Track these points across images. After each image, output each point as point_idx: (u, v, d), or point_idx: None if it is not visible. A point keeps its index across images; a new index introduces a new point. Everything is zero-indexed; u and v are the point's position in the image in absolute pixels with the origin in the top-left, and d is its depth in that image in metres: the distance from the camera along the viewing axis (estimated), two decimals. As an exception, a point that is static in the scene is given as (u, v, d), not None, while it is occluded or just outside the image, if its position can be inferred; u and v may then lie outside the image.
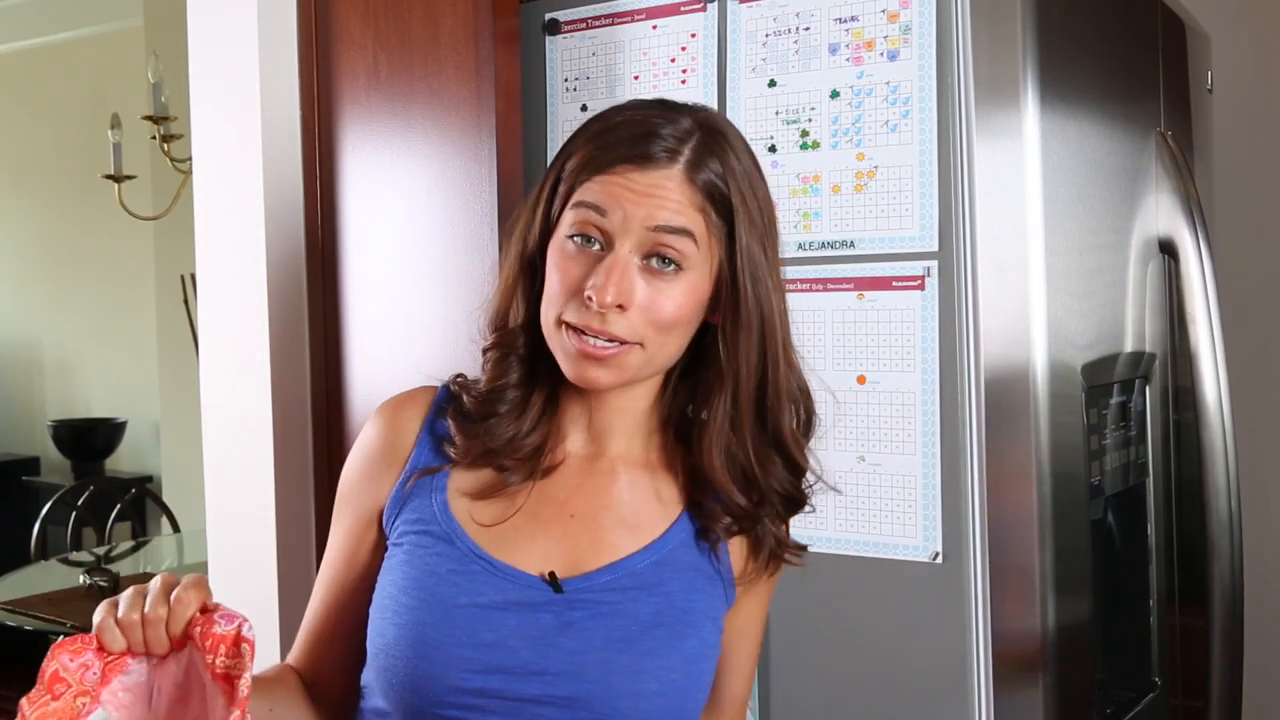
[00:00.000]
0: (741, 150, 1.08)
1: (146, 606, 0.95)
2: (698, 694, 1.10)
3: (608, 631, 1.06)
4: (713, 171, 1.04)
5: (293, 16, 1.85)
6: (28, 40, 5.89)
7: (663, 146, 1.03)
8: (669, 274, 1.03)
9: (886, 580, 1.44)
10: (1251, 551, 1.75)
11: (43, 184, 5.92)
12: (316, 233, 1.85)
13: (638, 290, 1.03)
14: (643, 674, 1.05)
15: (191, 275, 2.18)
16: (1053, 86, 1.38)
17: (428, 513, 1.11)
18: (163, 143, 3.80)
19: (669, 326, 1.05)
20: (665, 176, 1.03)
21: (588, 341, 1.03)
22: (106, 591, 3.23)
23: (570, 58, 1.67)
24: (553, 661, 1.04)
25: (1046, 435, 1.36)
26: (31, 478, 5.67)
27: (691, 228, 1.03)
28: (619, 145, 1.04)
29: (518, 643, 1.04)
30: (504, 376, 1.11)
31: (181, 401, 4.72)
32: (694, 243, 1.03)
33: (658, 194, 1.02)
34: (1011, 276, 1.36)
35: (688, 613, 1.09)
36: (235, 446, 1.87)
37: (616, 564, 1.09)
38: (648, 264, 1.03)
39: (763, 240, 1.07)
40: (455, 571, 1.07)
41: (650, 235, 1.02)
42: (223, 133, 1.87)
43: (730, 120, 1.14)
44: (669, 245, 1.02)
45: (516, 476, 1.10)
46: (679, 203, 1.03)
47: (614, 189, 1.03)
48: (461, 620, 1.05)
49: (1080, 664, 1.45)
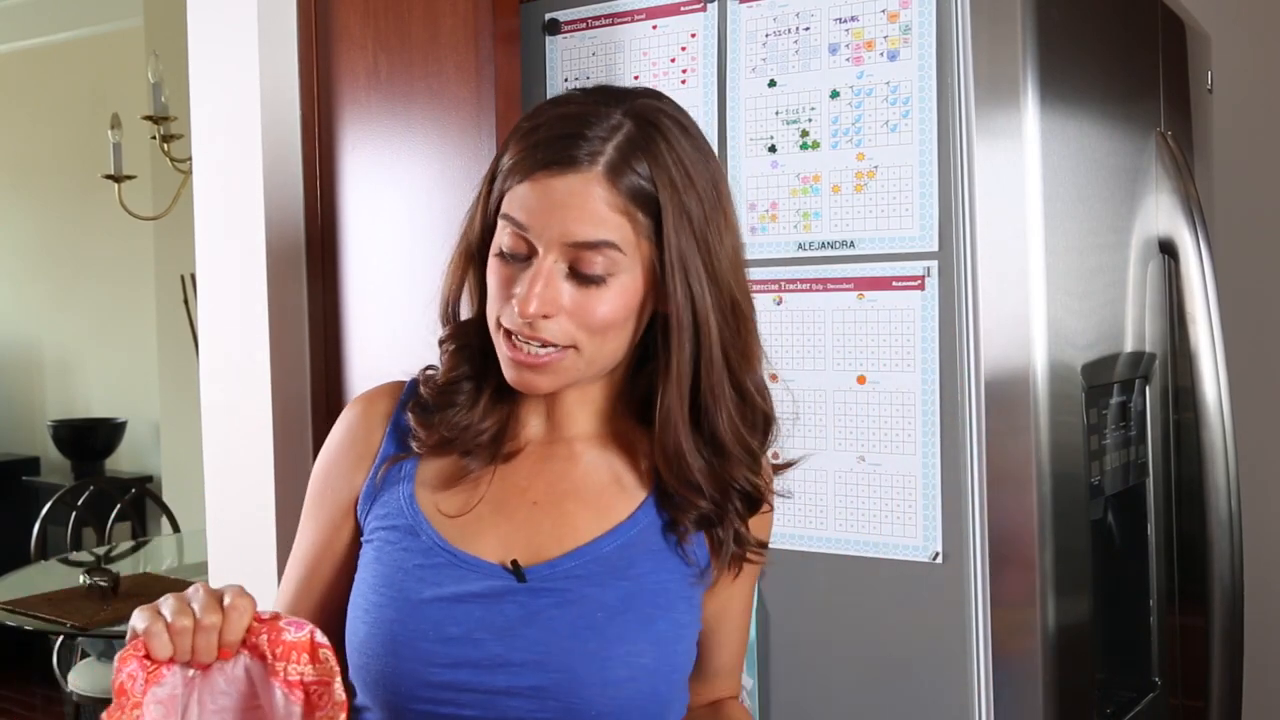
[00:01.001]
0: (677, 137, 1.04)
1: (199, 613, 0.92)
2: (672, 674, 1.09)
3: (573, 619, 1.06)
4: (637, 172, 1.01)
5: (293, 16, 1.85)
6: (28, 40, 5.89)
7: (585, 150, 1.01)
8: (595, 285, 1.02)
9: (886, 580, 1.44)
10: (1251, 551, 1.75)
11: (43, 184, 5.92)
12: (316, 233, 1.85)
13: (564, 296, 1.02)
14: (610, 661, 1.05)
15: (191, 275, 2.18)
16: (1053, 86, 1.38)
17: (395, 505, 1.12)
18: (163, 143, 3.80)
19: (602, 329, 1.04)
20: (584, 182, 1.00)
21: (522, 349, 1.04)
22: (107, 591, 3.23)
23: (570, 58, 1.67)
24: (517, 652, 1.04)
25: (1046, 435, 1.36)
26: (31, 478, 5.67)
27: (612, 237, 1.01)
28: (540, 149, 1.02)
29: (483, 634, 1.05)
30: (458, 368, 1.12)
31: (181, 401, 4.72)
32: (618, 250, 1.02)
33: (575, 204, 1.00)
34: (1011, 276, 1.36)
35: (658, 595, 1.09)
36: (235, 446, 1.87)
37: (581, 549, 1.09)
38: (574, 270, 1.02)
39: (701, 232, 1.04)
40: (421, 565, 1.08)
41: (570, 250, 1.01)
42: (223, 133, 1.87)
43: (671, 101, 1.09)
44: (589, 259, 1.01)
45: (477, 463, 1.11)
46: (597, 213, 1.00)
47: (532, 202, 1.01)
48: (428, 615, 1.06)
49: (1080, 664, 1.45)
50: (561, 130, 1.02)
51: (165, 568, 3.84)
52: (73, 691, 3.47)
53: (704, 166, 1.06)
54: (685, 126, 1.06)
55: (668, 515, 1.12)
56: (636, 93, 1.07)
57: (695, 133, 1.07)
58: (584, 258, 1.01)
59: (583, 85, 1.11)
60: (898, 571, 1.43)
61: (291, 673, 0.92)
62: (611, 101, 1.05)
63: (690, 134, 1.06)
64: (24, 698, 4.81)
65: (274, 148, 1.83)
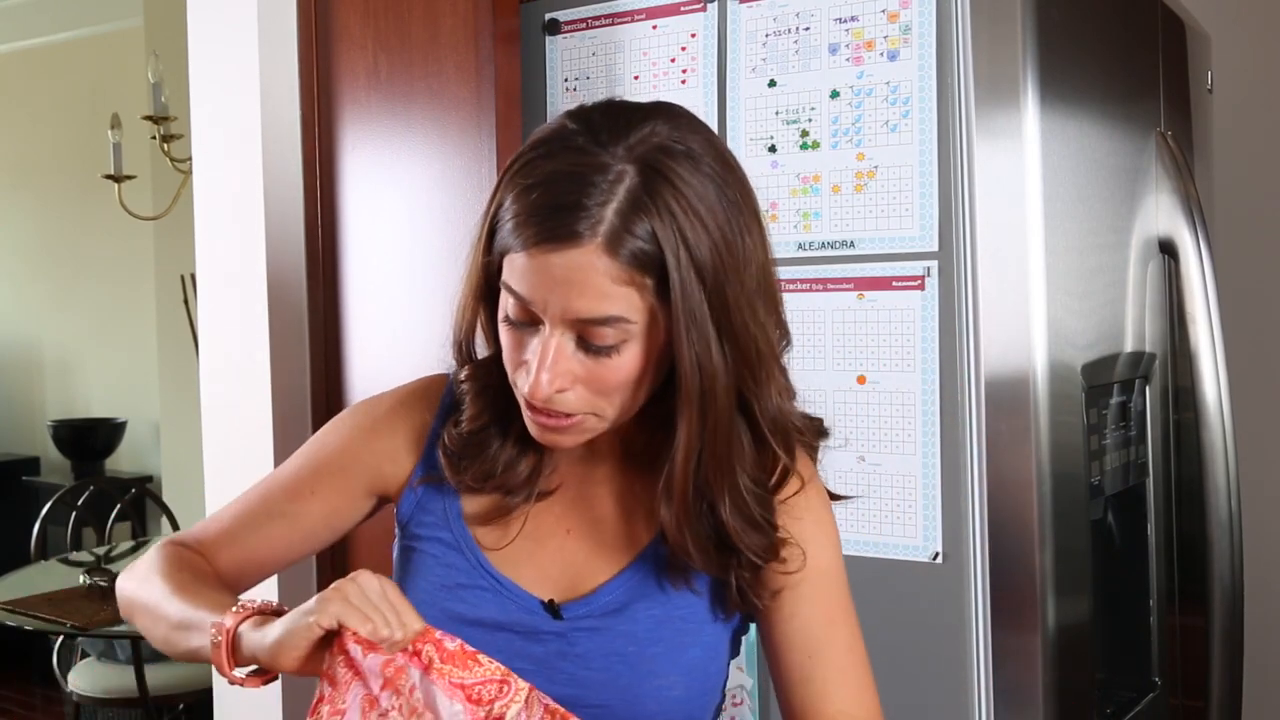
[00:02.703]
0: (685, 179, 0.94)
1: (376, 600, 0.91)
2: (703, 698, 1.08)
3: (605, 654, 1.05)
4: (640, 237, 0.92)
5: (293, 16, 1.85)
6: (28, 40, 5.88)
7: (585, 222, 0.92)
8: (606, 353, 0.96)
9: (886, 580, 1.44)
10: (1251, 551, 1.75)
11: (43, 184, 5.91)
12: (316, 233, 1.85)
13: (576, 368, 0.96)
14: (641, 696, 1.04)
15: (191, 275, 2.18)
16: (1053, 86, 1.38)
17: (440, 517, 1.11)
18: (163, 143, 3.80)
19: (617, 391, 0.98)
20: (585, 255, 0.92)
21: (539, 415, 1.00)
22: (107, 591, 3.23)
23: (570, 58, 1.67)
24: (556, 685, 1.04)
25: (1046, 435, 1.36)
26: (31, 478, 5.67)
27: (618, 311, 0.94)
28: (536, 218, 0.93)
29: (524, 664, 1.04)
30: (481, 415, 1.08)
31: (181, 401, 4.71)
32: (626, 321, 0.95)
33: (577, 280, 0.93)
34: (1011, 276, 1.36)
35: (686, 619, 1.07)
36: (235, 446, 1.87)
37: (613, 581, 1.08)
38: (583, 341, 0.96)
39: (715, 283, 0.95)
40: (463, 586, 1.08)
41: (578, 324, 0.95)
42: (223, 133, 1.87)
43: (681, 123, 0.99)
44: (598, 333, 0.95)
45: (517, 499, 1.09)
46: (600, 288, 0.93)
47: (532, 278, 0.94)
48: (469, 637, 1.02)
49: (1080, 664, 1.45)
50: (557, 196, 0.93)
51: (165, 568, 3.83)
52: (73, 691, 3.46)
53: (718, 197, 0.96)
54: (696, 157, 0.96)
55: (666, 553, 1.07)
56: (642, 119, 0.97)
57: (708, 156, 0.97)
58: (592, 331, 0.95)
59: (585, 106, 1.01)
60: (898, 571, 1.43)
61: (454, 676, 0.92)
62: (612, 141, 0.95)
63: (701, 163, 0.96)
64: (24, 698, 4.81)
65: (274, 148, 1.83)
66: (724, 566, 1.04)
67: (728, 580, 1.05)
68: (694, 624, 1.07)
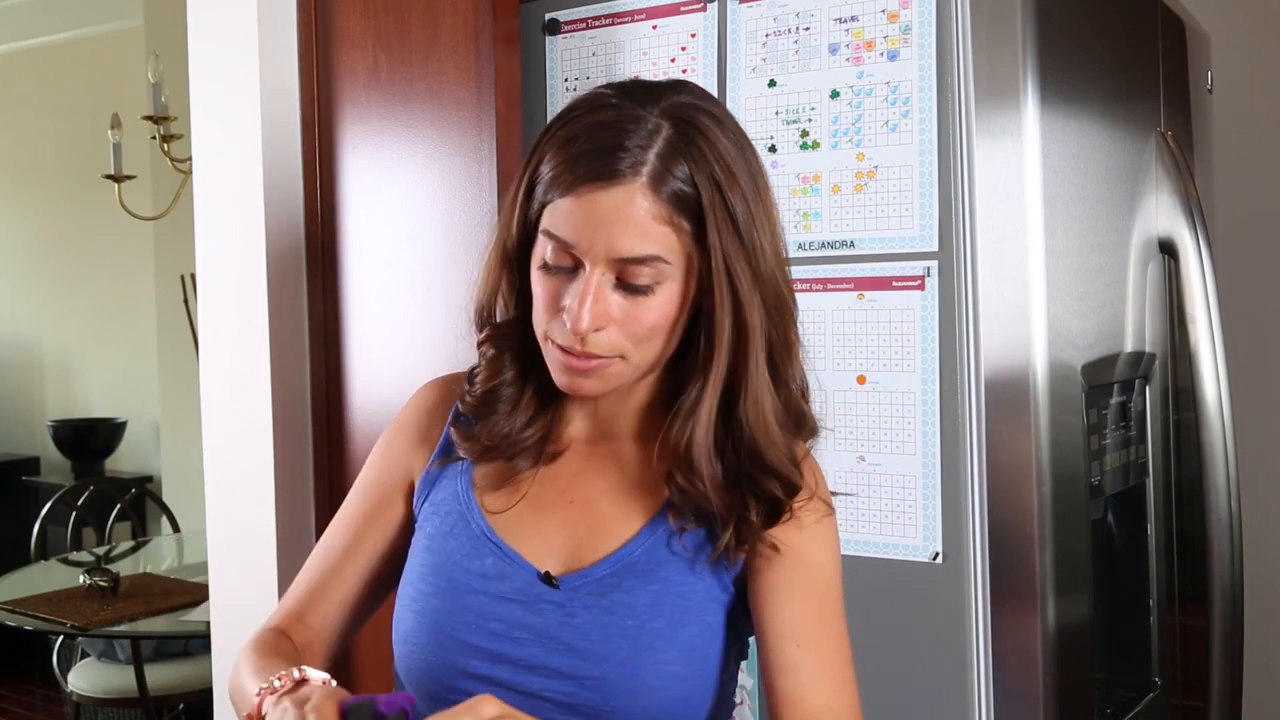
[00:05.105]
0: (716, 134, 1.03)
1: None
2: (703, 679, 1.09)
3: (604, 626, 1.06)
4: (679, 179, 1.00)
5: (293, 16, 1.85)
6: (28, 40, 5.88)
7: (627, 162, 0.99)
8: (643, 294, 1.02)
9: (886, 580, 1.44)
10: (1251, 551, 1.75)
11: (43, 184, 5.91)
12: (316, 233, 1.85)
13: (613, 308, 1.02)
14: (640, 670, 1.05)
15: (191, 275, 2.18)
16: (1053, 86, 1.38)
17: (450, 493, 1.15)
18: (163, 143, 3.80)
19: (649, 336, 1.04)
20: (628, 194, 0.99)
21: (571, 358, 1.04)
22: (107, 591, 3.23)
23: (570, 58, 1.67)
24: (554, 656, 1.05)
25: (1046, 435, 1.36)
26: (31, 478, 5.66)
27: (659, 251, 1.01)
28: (581, 162, 1.00)
29: (522, 634, 1.06)
30: (498, 375, 1.12)
31: (181, 401, 4.72)
32: (664, 261, 1.01)
33: (620, 218, 0.99)
34: (1011, 276, 1.36)
35: (685, 597, 1.08)
36: (235, 446, 1.87)
37: (614, 555, 1.09)
38: (621, 281, 1.02)
39: (746, 230, 1.02)
40: (467, 556, 1.10)
41: (618, 264, 1.01)
42: (223, 132, 1.87)
43: (702, 91, 1.08)
44: (636, 272, 1.01)
45: (525, 463, 1.13)
46: (643, 225, 0.99)
47: (577, 217, 1.00)
48: (473, 606, 1.08)
49: (1080, 664, 1.45)
50: (600, 142, 1.01)
51: (165, 568, 3.84)
52: (72, 691, 3.46)
53: (743, 160, 1.04)
54: (720, 119, 1.05)
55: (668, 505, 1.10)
56: (667, 88, 1.05)
57: (730, 123, 1.06)
58: (631, 270, 1.01)
59: (611, 81, 1.09)
60: (898, 571, 1.43)
61: None
62: (645, 102, 1.03)
63: (726, 126, 1.05)
64: (24, 698, 4.81)
65: (274, 148, 1.83)
66: (734, 505, 1.07)
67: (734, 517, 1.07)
68: (693, 602, 1.08)
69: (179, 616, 3.11)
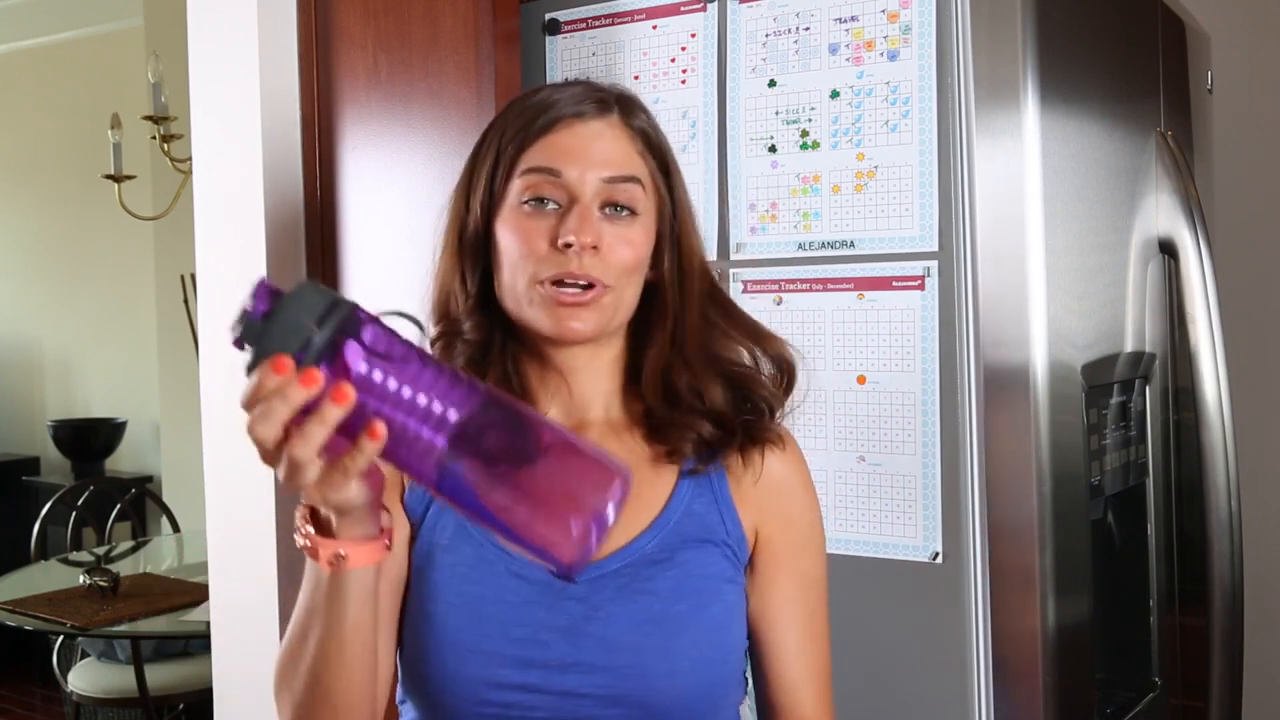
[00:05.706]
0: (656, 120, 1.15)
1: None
2: (729, 656, 1.10)
3: (631, 613, 1.05)
4: (644, 121, 1.12)
5: (293, 16, 1.85)
6: (28, 40, 5.88)
7: (594, 101, 1.09)
8: (625, 219, 1.08)
9: (886, 580, 1.44)
10: (1251, 551, 1.75)
11: (43, 184, 5.91)
12: (316, 233, 1.85)
13: (605, 234, 1.07)
14: (674, 652, 1.05)
15: (191, 275, 2.18)
16: (1053, 86, 1.38)
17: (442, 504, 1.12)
18: (163, 143, 3.80)
19: (632, 269, 1.09)
20: (605, 124, 1.09)
21: (566, 292, 1.05)
22: (107, 591, 3.23)
23: (570, 58, 1.67)
24: (586, 652, 1.04)
25: (1046, 435, 1.36)
26: (31, 478, 5.66)
27: (638, 174, 1.09)
28: (553, 108, 1.09)
29: (549, 636, 1.05)
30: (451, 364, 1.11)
31: (181, 401, 4.71)
32: (642, 188, 1.09)
33: (605, 141, 1.08)
34: (1011, 277, 1.36)
35: (704, 578, 1.08)
36: (235, 446, 1.86)
37: (627, 548, 1.08)
38: (604, 213, 1.07)
39: (683, 189, 1.14)
40: (475, 567, 1.07)
41: (605, 187, 1.07)
42: (223, 132, 1.87)
43: None
44: (622, 191, 1.08)
45: None
46: (624, 149, 1.09)
47: (561, 148, 1.07)
48: (492, 616, 1.05)
49: (1080, 664, 1.45)
50: (568, 94, 1.10)
51: (165, 568, 3.84)
52: (72, 691, 3.46)
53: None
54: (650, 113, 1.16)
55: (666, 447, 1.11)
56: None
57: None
58: (617, 190, 1.07)
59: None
60: (898, 571, 1.43)
61: None
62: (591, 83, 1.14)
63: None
64: (24, 698, 4.81)
65: (274, 148, 1.83)
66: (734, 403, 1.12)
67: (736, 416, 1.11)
68: (713, 582, 1.09)
69: (179, 616, 3.11)
